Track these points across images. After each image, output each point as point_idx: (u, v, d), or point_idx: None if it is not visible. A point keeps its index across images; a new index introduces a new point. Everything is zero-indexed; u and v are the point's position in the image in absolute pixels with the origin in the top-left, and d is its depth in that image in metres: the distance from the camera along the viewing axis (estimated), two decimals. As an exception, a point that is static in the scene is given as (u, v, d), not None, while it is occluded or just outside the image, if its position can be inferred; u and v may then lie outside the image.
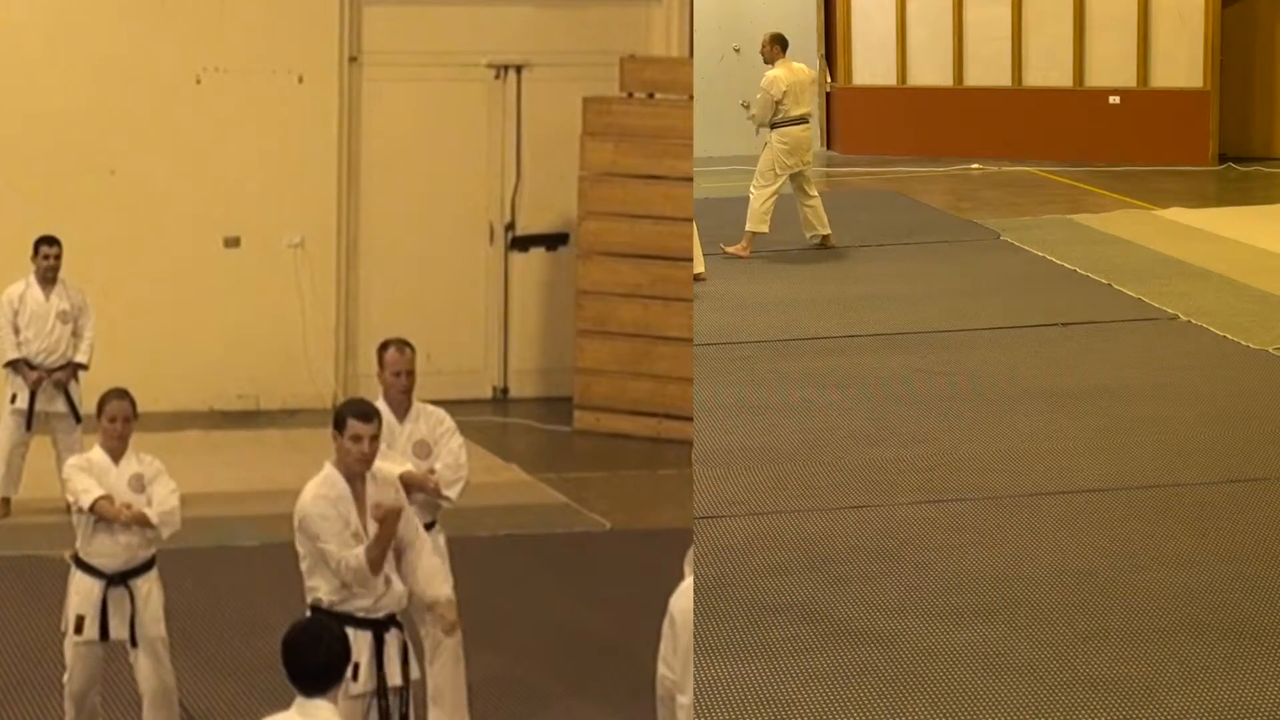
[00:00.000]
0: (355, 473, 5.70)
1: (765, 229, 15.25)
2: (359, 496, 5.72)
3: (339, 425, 5.67)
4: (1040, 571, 7.57)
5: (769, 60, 15.30)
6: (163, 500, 6.47)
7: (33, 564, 8.47)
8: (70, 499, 6.41)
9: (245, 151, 11.78)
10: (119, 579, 6.43)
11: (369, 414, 5.69)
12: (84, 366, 9.41)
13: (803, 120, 15.23)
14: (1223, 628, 6.87)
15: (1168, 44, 20.66)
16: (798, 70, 15.37)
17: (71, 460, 6.57)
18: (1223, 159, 20.56)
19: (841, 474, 9.04)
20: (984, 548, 7.89)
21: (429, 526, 6.54)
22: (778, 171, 15.19)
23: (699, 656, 6.45)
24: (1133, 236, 15.74)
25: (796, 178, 15.31)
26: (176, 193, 11.69)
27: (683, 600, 4.81)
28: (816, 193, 15.71)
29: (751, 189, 15.30)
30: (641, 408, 11.35)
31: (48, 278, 9.34)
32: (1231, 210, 17.38)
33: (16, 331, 9.29)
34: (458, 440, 6.78)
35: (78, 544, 6.48)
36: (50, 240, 9.35)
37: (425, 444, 6.69)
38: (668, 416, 11.21)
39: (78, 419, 9.35)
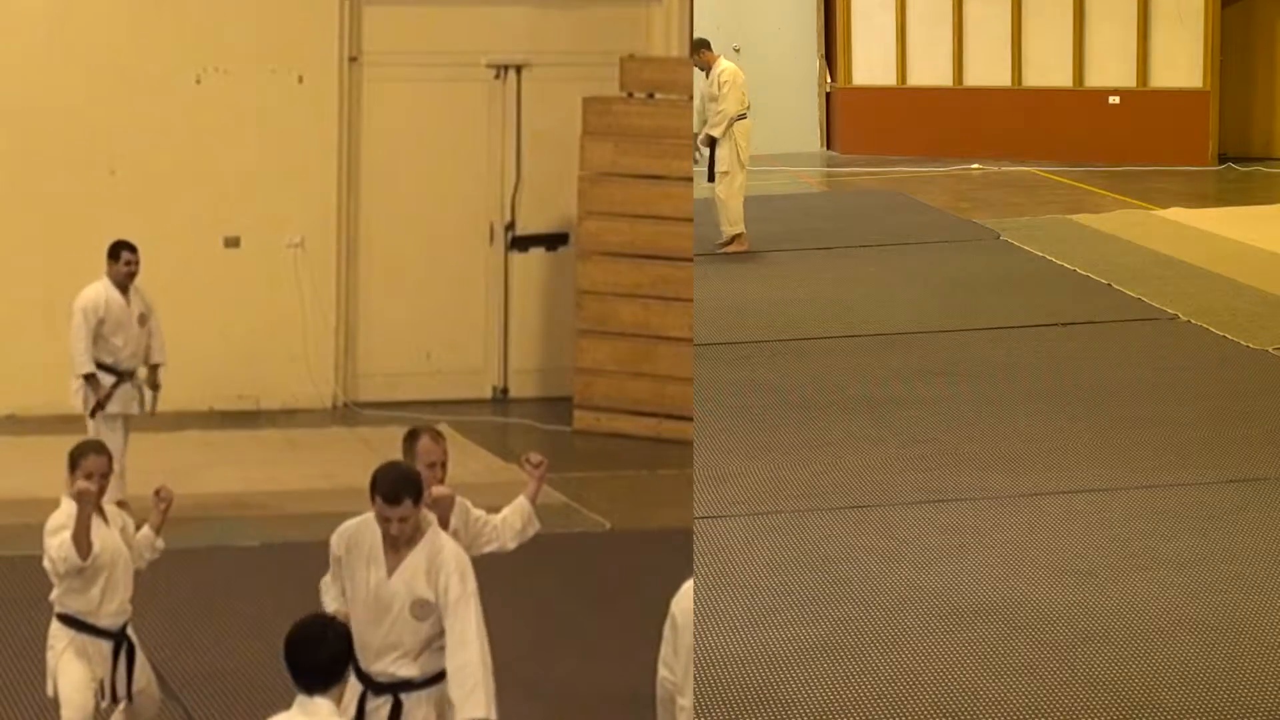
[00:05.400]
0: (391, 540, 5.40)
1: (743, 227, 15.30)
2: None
3: (370, 494, 5.30)
4: (1040, 571, 7.57)
5: (705, 67, 15.14)
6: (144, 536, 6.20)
7: (33, 564, 8.46)
8: (63, 556, 5.96)
9: (245, 151, 11.78)
10: (122, 634, 6.14)
11: (396, 495, 5.28)
12: (161, 365, 9.40)
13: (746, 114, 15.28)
14: (1223, 628, 6.87)
15: (1168, 44, 20.66)
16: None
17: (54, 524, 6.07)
18: (1223, 159, 20.56)
19: (841, 474, 9.04)
20: (984, 548, 7.89)
21: None
22: (743, 162, 15.19)
23: (698, 656, 6.45)
24: (1133, 236, 15.75)
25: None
26: (176, 193, 11.69)
27: (685, 602, 4.81)
28: None
29: (719, 189, 15.19)
30: (641, 408, 11.35)
31: (126, 283, 9.26)
32: (1231, 210, 17.39)
33: (99, 340, 9.20)
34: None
35: (67, 600, 6.07)
36: (131, 246, 9.26)
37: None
38: (668, 416, 11.21)
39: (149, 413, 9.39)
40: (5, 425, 11.28)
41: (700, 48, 14.90)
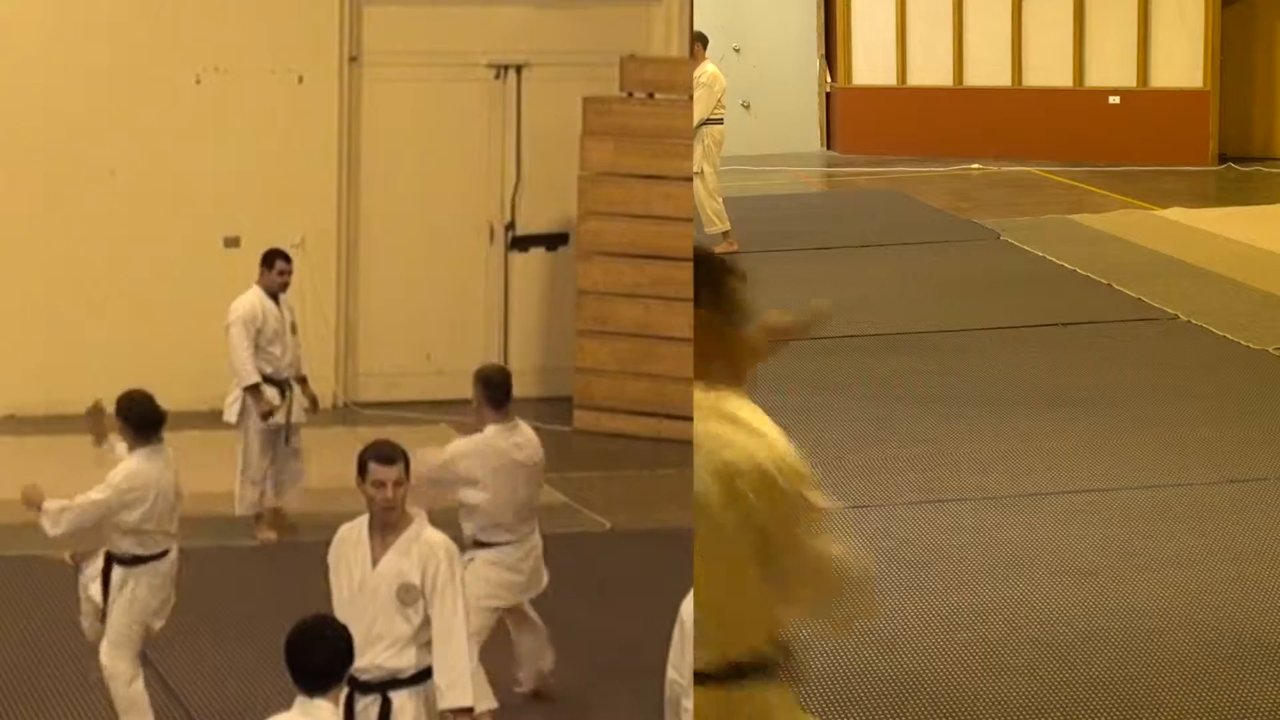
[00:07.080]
0: (380, 521, 5.33)
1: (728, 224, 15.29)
2: (381, 548, 5.34)
3: (360, 470, 5.27)
4: (1040, 571, 7.57)
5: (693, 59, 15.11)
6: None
7: (33, 564, 8.46)
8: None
9: (245, 151, 11.77)
10: None
11: (392, 456, 5.29)
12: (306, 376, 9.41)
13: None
14: (1223, 628, 6.87)
15: (1168, 44, 20.65)
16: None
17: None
18: (1223, 159, 20.56)
19: (841, 474, 9.03)
20: (984, 548, 7.89)
21: None
22: (714, 163, 15.18)
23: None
24: (1133, 236, 15.74)
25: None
26: (176, 193, 11.68)
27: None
28: None
29: (700, 190, 15.08)
30: (641, 408, 11.34)
31: (279, 292, 9.22)
32: (1231, 210, 17.38)
33: (258, 350, 9.16)
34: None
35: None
36: (285, 255, 9.21)
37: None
38: (668, 416, 11.19)
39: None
40: (5, 425, 11.28)
41: (695, 41, 14.91)
